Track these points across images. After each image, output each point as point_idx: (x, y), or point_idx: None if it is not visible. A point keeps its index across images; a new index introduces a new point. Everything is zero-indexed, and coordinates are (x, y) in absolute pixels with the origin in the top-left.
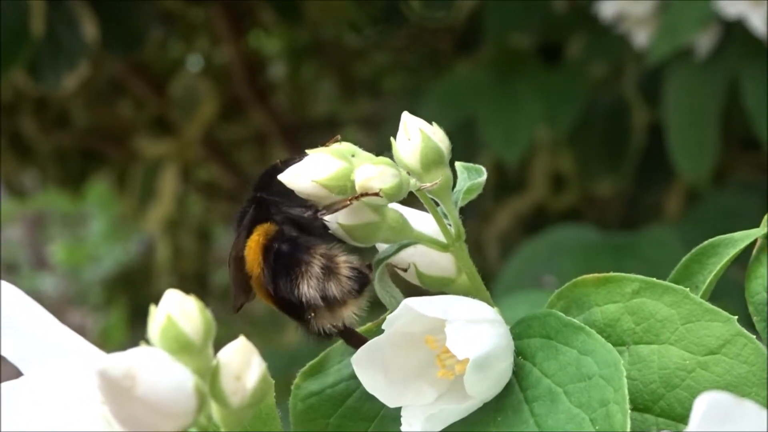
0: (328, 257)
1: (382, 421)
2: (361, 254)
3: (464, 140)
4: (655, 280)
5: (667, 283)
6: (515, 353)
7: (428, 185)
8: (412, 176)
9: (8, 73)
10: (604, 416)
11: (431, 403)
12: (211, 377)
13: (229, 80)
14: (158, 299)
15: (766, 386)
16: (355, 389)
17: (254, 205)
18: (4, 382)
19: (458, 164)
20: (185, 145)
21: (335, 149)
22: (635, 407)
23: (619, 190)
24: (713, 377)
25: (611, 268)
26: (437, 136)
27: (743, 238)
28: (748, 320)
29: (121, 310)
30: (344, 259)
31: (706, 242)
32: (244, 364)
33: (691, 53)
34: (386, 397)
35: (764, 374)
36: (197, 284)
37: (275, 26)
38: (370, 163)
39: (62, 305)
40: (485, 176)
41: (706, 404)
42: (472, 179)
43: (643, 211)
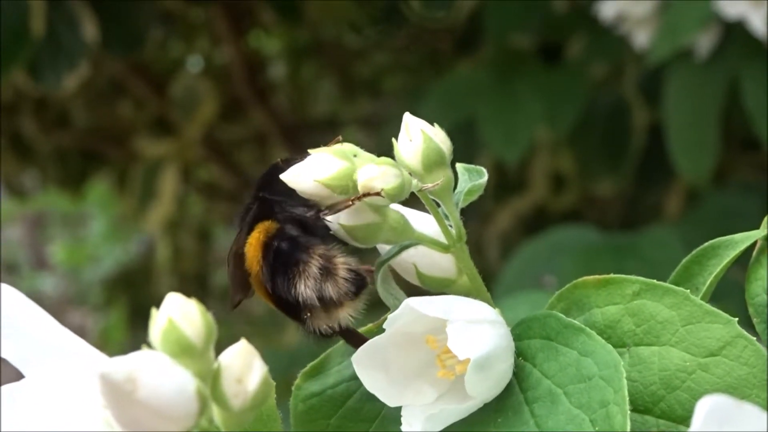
0: (326, 258)
1: (382, 421)
2: (361, 256)
3: (464, 140)
4: (655, 281)
5: (667, 284)
6: (516, 354)
7: (430, 186)
8: (413, 177)
9: (8, 73)
10: (604, 417)
11: (431, 403)
12: (212, 380)
13: (229, 80)
14: (158, 300)
15: (766, 388)
16: (355, 390)
17: (256, 203)
18: (4, 383)
19: (459, 165)
20: (185, 145)
21: (337, 149)
22: (636, 409)
23: (619, 190)
24: (714, 379)
25: (612, 268)
26: (439, 137)
27: (743, 239)
28: (749, 322)
29: (121, 310)
30: (342, 260)
31: (706, 244)
32: (245, 366)
33: (691, 54)
34: (387, 396)
35: (764, 376)
36: (197, 285)
37: (275, 26)
38: (372, 163)
39: (62, 305)
40: (486, 177)
41: (707, 407)
42: (473, 180)
43: (643, 211)
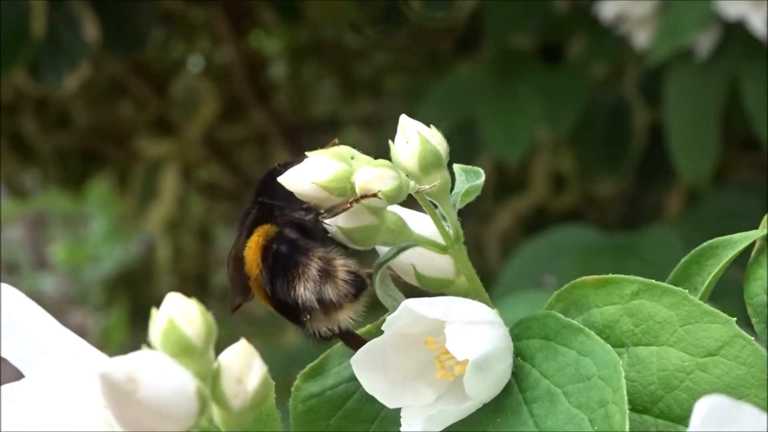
0: (325, 260)
1: (381, 422)
2: (360, 259)
3: (465, 140)
4: (654, 281)
5: (666, 284)
6: (514, 354)
7: (427, 187)
8: (410, 179)
9: (9, 73)
10: (602, 417)
11: (431, 404)
12: (212, 380)
13: (229, 80)
14: (159, 300)
15: (764, 388)
16: (354, 391)
17: (256, 207)
18: (4, 383)
19: (456, 166)
20: (186, 145)
21: (335, 151)
22: (634, 408)
23: (619, 190)
24: (712, 379)
25: (612, 268)
26: (435, 138)
27: (742, 239)
28: (748, 321)
29: (121, 310)
30: (342, 262)
31: (704, 244)
32: (245, 366)
33: (691, 54)
34: (386, 398)
35: (763, 376)
36: (198, 285)
37: (276, 26)
38: (369, 165)
39: (63, 305)
40: (483, 178)
41: (706, 407)
42: (470, 181)
43: (643, 211)
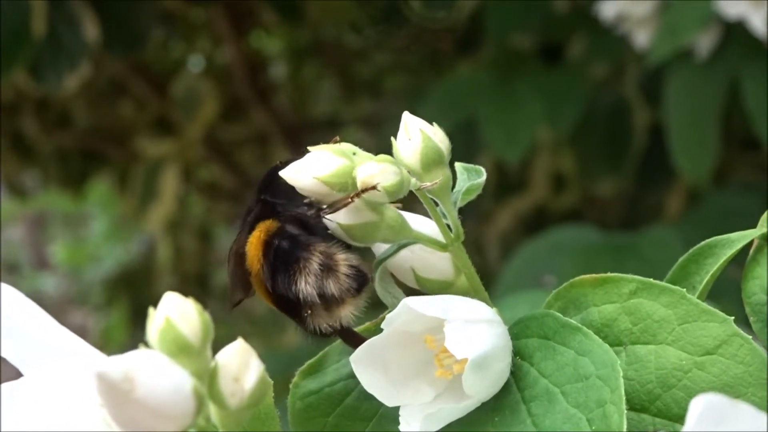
0: (327, 255)
1: (380, 420)
2: (362, 255)
3: (465, 140)
4: (652, 280)
5: (664, 283)
6: (513, 353)
7: (428, 185)
8: (412, 176)
9: (9, 73)
10: (600, 416)
11: (429, 402)
12: (209, 379)
13: (230, 80)
14: (159, 300)
15: (762, 386)
16: (353, 388)
17: (258, 204)
18: (4, 382)
19: (458, 165)
20: (186, 145)
21: (336, 147)
22: (632, 407)
23: (619, 190)
24: (710, 377)
25: (612, 268)
26: (437, 136)
27: (740, 238)
28: (747, 320)
29: (122, 310)
30: (344, 257)
31: (702, 243)
32: (242, 365)
33: (691, 54)
34: (385, 395)
35: (761, 374)
36: (198, 285)
37: (276, 26)
38: (371, 160)
39: (63, 305)
40: (485, 177)
41: (701, 406)
42: (471, 180)
43: (643, 211)
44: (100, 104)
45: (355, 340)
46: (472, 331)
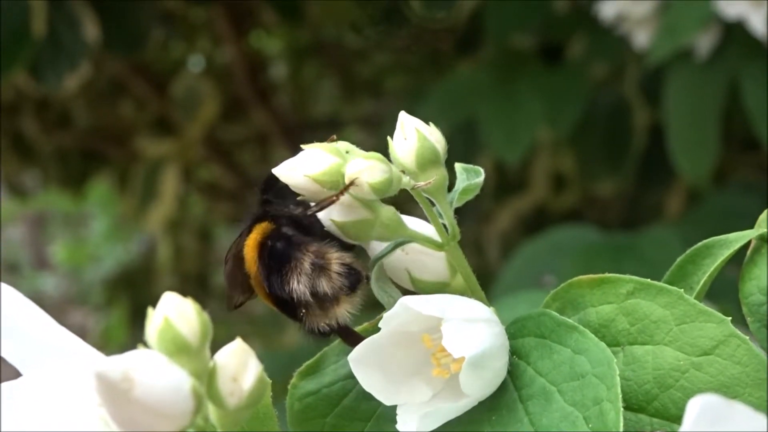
0: (319, 254)
1: (378, 420)
2: (358, 255)
3: (465, 140)
4: (649, 281)
5: (661, 284)
6: (510, 352)
7: (422, 184)
8: (408, 175)
9: (10, 73)
10: (597, 414)
11: (427, 401)
12: (208, 379)
13: (230, 80)
14: (159, 300)
15: (759, 387)
16: (351, 389)
17: (258, 205)
18: (3, 382)
19: (458, 165)
20: (186, 145)
21: (329, 145)
22: (630, 407)
23: (619, 190)
24: (707, 378)
25: (611, 268)
26: (433, 136)
27: (737, 239)
28: (744, 321)
29: (122, 310)
30: (336, 255)
31: (700, 243)
32: (240, 365)
33: (691, 54)
34: (383, 395)
35: (758, 375)
36: (198, 284)
37: (276, 26)
38: (361, 157)
39: (63, 305)
40: (483, 177)
41: (698, 406)
42: (470, 180)
43: (643, 211)
44: (100, 104)
45: (354, 339)
46: (469, 330)
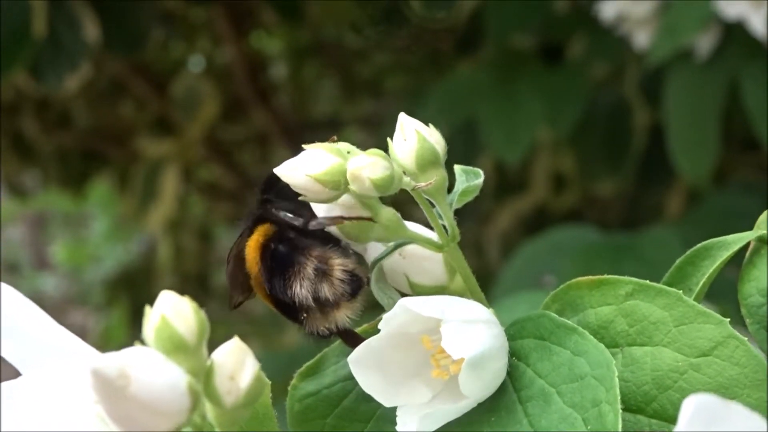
0: (322, 259)
1: (378, 421)
2: (360, 260)
3: (465, 140)
4: (648, 282)
5: (660, 285)
6: (509, 354)
7: (422, 185)
8: (407, 176)
9: (10, 73)
10: (596, 416)
11: (426, 402)
12: (205, 377)
13: (230, 80)
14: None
15: (757, 388)
16: (351, 390)
17: (259, 206)
18: (3, 382)
19: (457, 167)
20: (187, 145)
21: (331, 145)
22: (628, 408)
23: (619, 190)
24: (705, 379)
25: (611, 268)
26: (433, 137)
27: (737, 240)
28: (744, 322)
29: (122, 310)
30: (339, 261)
31: (699, 245)
32: (237, 364)
33: (691, 54)
34: (382, 396)
35: (756, 376)
36: (198, 284)
37: (277, 27)
38: (363, 154)
39: (63, 305)
40: (482, 178)
41: (693, 406)
42: (470, 181)
43: (643, 211)
44: (100, 104)
45: (354, 340)
46: (468, 331)
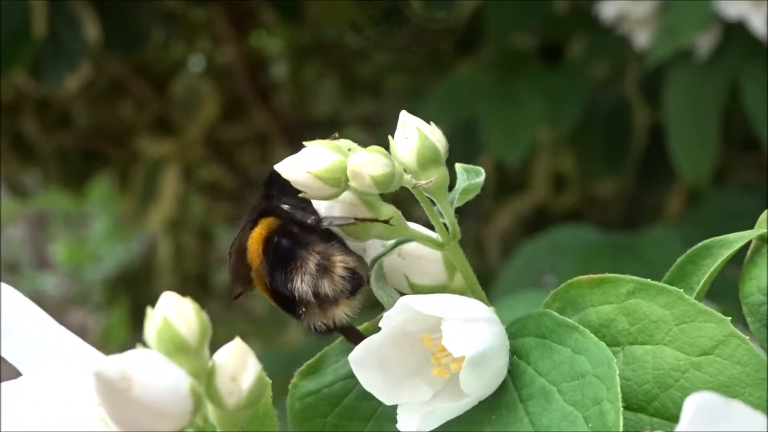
0: (324, 255)
1: (378, 420)
2: (361, 258)
3: (465, 140)
4: (649, 281)
5: (661, 284)
6: (510, 352)
7: (423, 182)
8: (408, 174)
9: (10, 73)
10: (597, 414)
11: (427, 401)
12: (207, 378)
13: (230, 80)
14: (159, 299)
15: (759, 387)
16: (352, 388)
17: (263, 199)
18: (3, 382)
19: (458, 165)
20: (187, 145)
21: (332, 143)
22: (629, 407)
23: (619, 190)
24: (707, 378)
25: (612, 268)
26: (434, 135)
27: (738, 239)
28: (745, 321)
29: (122, 309)
30: (341, 258)
31: (700, 243)
32: (239, 365)
33: (691, 54)
34: (383, 395)
35: (758, 374)
36: (198, 284)
37: (277, 26)
38: (364, 151)
39: (64, 305)
40: (483, 177)
41: (695, 405)
42: (471, 180)
43: (643, 211)
44: (100, 104)
45: (356, 337)
46: (469, 329)
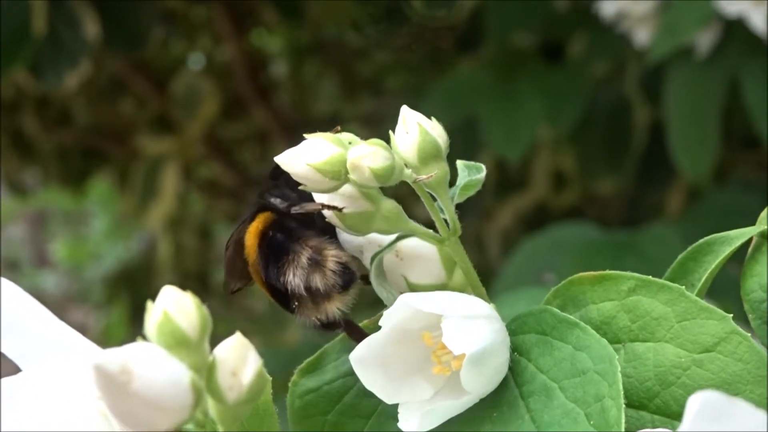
0: (317, 250)
1: (379, 418)
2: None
3: (466, 139)
4: (650, 278)
5: (662, 281)
6: (511, 349)
7: (424, 177)
8: (409, 169)
9: (10, 71)
10: (599, 411)
11: (428, 399)
12: (207, 373)
13: (230, 78)
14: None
15: (760, 384)
16: (352, 386)
17: (263, 195)
18: (3, 378)
19: (459, 162)
20: (187, 143)
21: (332, 135)
22: (631, 404)
23: (620, 188)
24: (708, 375)
25: (612, 265)
26: (435, 130)
27: (739, 236)
28: (746, 318)
29: (122, 307)
30: (333, 253)
31: (701, 240)
32: (240, 360)
33: (691, 52)
34: (384, 393)
35: (759, 371)
36: (198, 282)
37: (277, 25)
38: (364, 144)
39: (64, 303)
40: (484, 173)
41: (699, 403)
42: (472, 176)
43: (644, 209)
44: (100, 102)
45: (358, 335)
46: (469, 327)
